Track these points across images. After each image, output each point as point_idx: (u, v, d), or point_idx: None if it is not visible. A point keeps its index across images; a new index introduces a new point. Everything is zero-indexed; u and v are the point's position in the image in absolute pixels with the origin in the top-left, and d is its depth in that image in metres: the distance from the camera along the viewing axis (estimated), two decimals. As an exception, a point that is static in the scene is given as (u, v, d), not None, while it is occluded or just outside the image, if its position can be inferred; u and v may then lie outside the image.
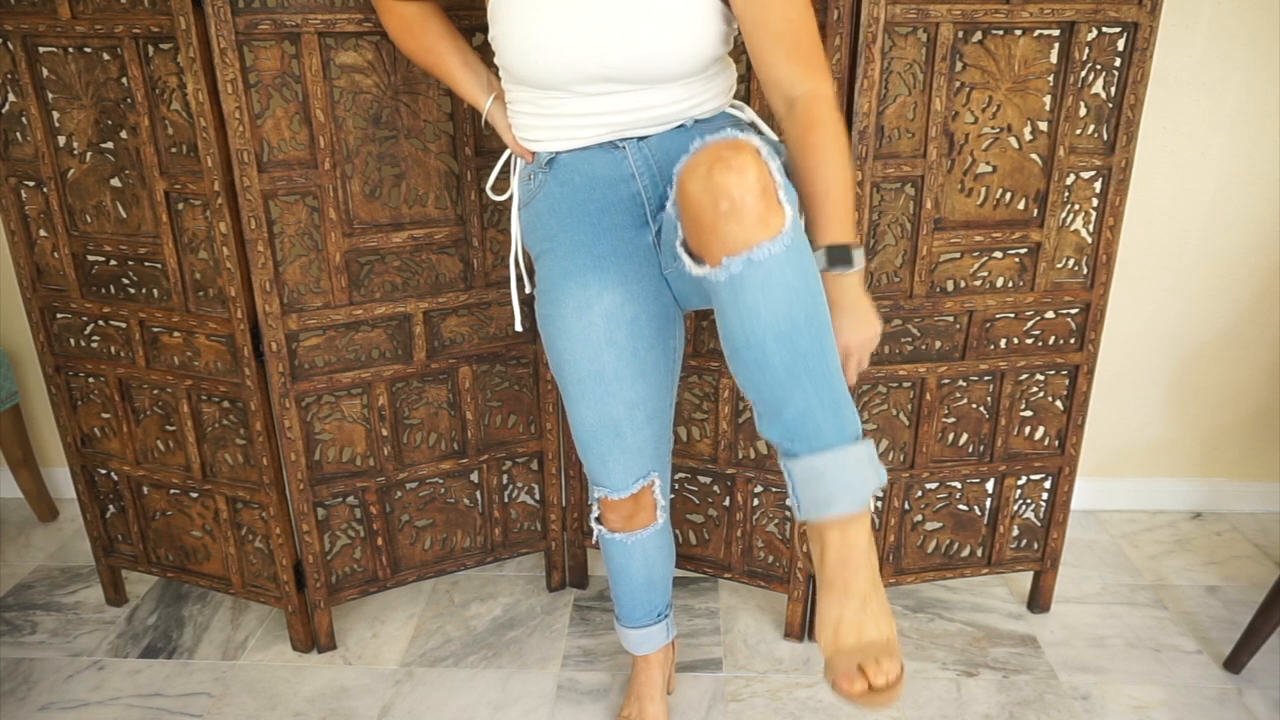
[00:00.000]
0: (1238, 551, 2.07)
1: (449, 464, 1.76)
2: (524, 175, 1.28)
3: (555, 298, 1.23)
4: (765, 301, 0.91)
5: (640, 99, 1.16)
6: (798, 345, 0.92)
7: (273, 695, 1.66)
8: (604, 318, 1.20)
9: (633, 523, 1.37)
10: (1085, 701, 1.63)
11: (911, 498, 1.73)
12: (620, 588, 1.48)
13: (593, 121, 1.18)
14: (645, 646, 1.52)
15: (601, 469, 1.30)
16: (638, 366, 1.24)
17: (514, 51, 1.14)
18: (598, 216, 1.21)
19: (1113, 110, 1.51)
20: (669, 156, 1.20)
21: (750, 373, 0.96)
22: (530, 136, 1.24)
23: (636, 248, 1.22)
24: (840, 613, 0.95)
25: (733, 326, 0.95)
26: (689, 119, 1.21)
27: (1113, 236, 1.57)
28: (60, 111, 1.51)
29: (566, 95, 1.16)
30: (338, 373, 1.61)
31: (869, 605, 0.95)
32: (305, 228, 1.52)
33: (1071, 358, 1.65)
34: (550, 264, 1.25)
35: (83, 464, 1.78)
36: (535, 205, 1.26)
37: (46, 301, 1.66)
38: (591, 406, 1.25)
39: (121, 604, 1.91)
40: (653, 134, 1.20)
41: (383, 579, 1.79)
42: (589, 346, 1.21)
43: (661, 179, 1.21)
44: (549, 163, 1.23)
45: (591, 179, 1.21)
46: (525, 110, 1.22)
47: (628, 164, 1.20)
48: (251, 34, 1.38)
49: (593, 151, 1.20)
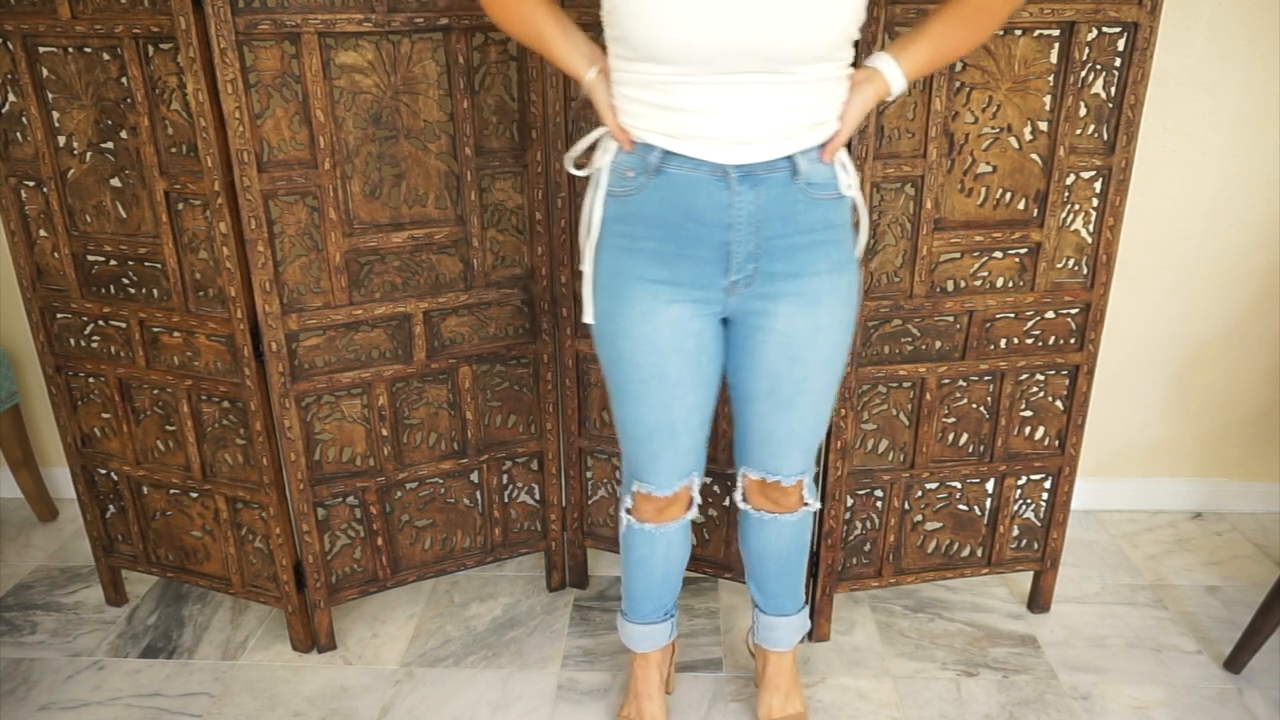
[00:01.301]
0: (1238, 551, 2.07)
1: (449, 464, 1.76)
2: (620, 166, 1.21)
3: (620, 297, 1.23)
4: (776, 540, 1.47)
5: (762, 97, 1.11)
6: (787, 567, 1.50)
7: (273, 695, 1.66)
8: (670, 326, 1.23)
9: (665, 515, 1.41)
10: (1085, 701, 1.63)
11: (911, 498, 1.73)
12: (636, 580, 1.49)
13: (710, 122, 1.12)
14: (647, 643, 1.53)
15: (651, 467, 1.34)
16: (699, 375, 1.28)
17: (639, 23, 1.07)
18: (685, 244, 1.20)
19: (1113, 110, 1.51)
20: (771, 215, 1.18)
21: (753, 568, 1.53)
22: (637, 125, 1.17)
23: (710, 282, 1.22)
24: (772, 700, 1.56)
25: (750, 541, 1.49)
26: (803, 147, 1.16)
27: (1113, 236, 1.57)
28: (60, 111, 1.51)
29: (690, 77, 1.10)
30: (338, 373, 1.61)
31: (790, 697, 1.56)
32: (305, 228, 1.52)
33: (1071, 358, 1.65)
34: (621, 262, 1.23)
35: (83, 464, 1.78)
36: (627, 202, 1.21)
37: (46, 301, 1.66)
38: (652, 408, 1.28)
39: (121, 604, 1.91)
40: (762, 168, 1.15)
41: (383, 579, 1.79)
42: (654, 351, 1.24)
43: (757, 235, 1.18)
44: (657, 170, 1.17)
45: (692, 208, 1.17)
46: (639, 97, 1.15)
47: (729, 213, 1.16)
48: (251, 34, 1.38)
49: (702, 179, 1.16)
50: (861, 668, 1.71)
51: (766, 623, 1.55)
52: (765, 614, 1.55)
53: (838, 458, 1.64)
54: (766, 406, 1.31)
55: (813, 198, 1.19)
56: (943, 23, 1.20)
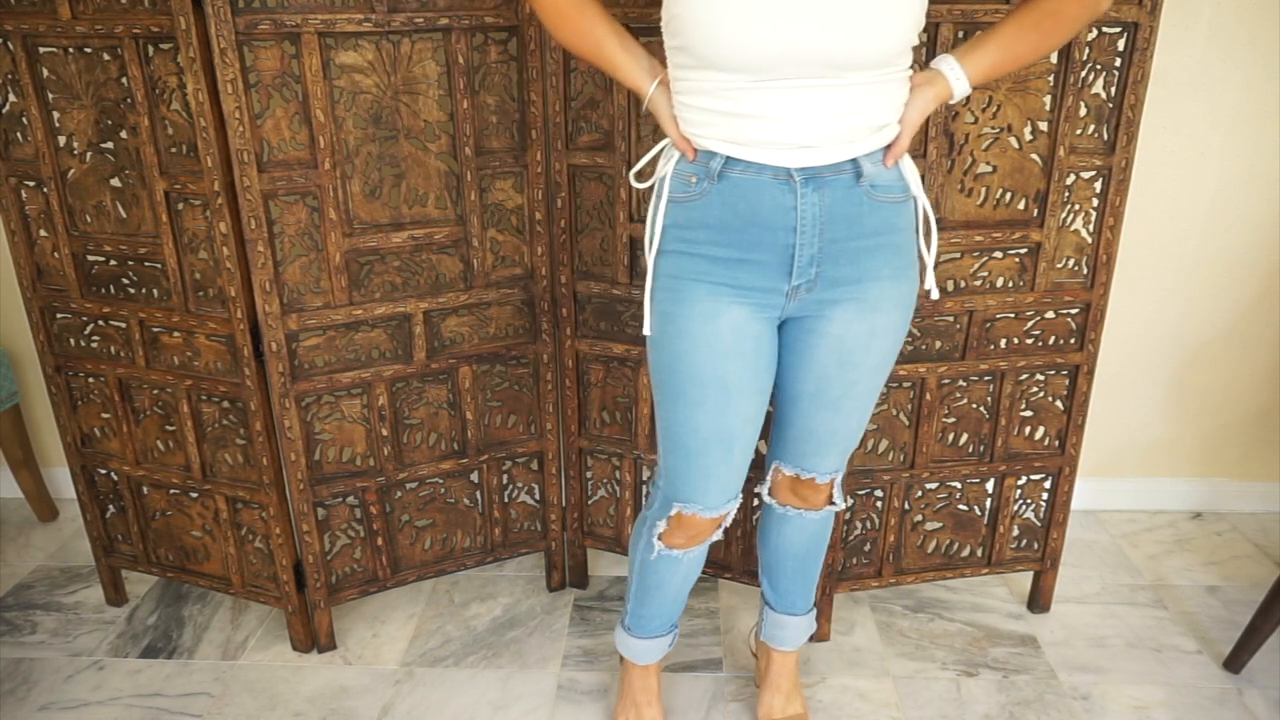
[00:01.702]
0: (1238, 551, 2.08)
1: (449, 464, 1.76)
2: (683, 173, 1.20)
3: (681, 298, 1.21)
4: (798, 537, 1.47)
5: (824, 101, 1.10)
6: (804, 565, 1.51)
7: (273, 695, 1.66)
8: (732, 329, 1.20)
9: (698, 539, 1.36)
10: (1085, 701, 1.63)
11: (911, 498, 1.73)
12: (650, 601, 1.46)
13: (772, 128, 1.11)
14: (650, 656, 1.51)
15: (702, 484, 1.28)
16: (757, 384, 1.24)
17: (700, 31, 1.07)
18: (747, 248, 1.18)
19: (1113, 110, 1.51)
20: (835, 218, 1.16)
21: (769, 565, 1.53)
22: (700, 133, 1.17)
23: (772, 287, 1.20)
24: (773, 700, 1.56)
25: (770, 538, 1.50)
26: (867, 150, 1.15)
27: (1113, 236, 1.57)
28: (60, 111, 1.51)
29: (752, 84, 1.09)
30: (338, 373, 1.61)
31: (791, 699, 1.56)
32: (305, 228, 1.52)
33: (1071, 358, 1.65)
34: (682, 264, 1.21)
35: (83, 464, 1.78)
36: (689, 208, 1.19)
37: (46, 301, 1.66)
38: (710, 414, 1.23)
39: (121, 604, 1.91)
40: (827, 170, 1.14)
41: (383, 579, 1.79)
42: (715, 354, 1.20)
43: (820, 239, 1.17)
44: (719, 175, 1.16)
45: (755, 211, 1.16)
46: (700, 105, 1.15)
47: (794, 216, 1.15)
48: (251, 34, 1.38)
49: (765, 182, 1.14)
50: (861, 668, 1.72)
51: (775, 620, 1.54)
52: (775, 611, 1.55)
53: (838, 458, 1.64)
54: (811, 406, 1.30)
55: (876, 200, 1.18)
56: (1014, 26, 1.18)
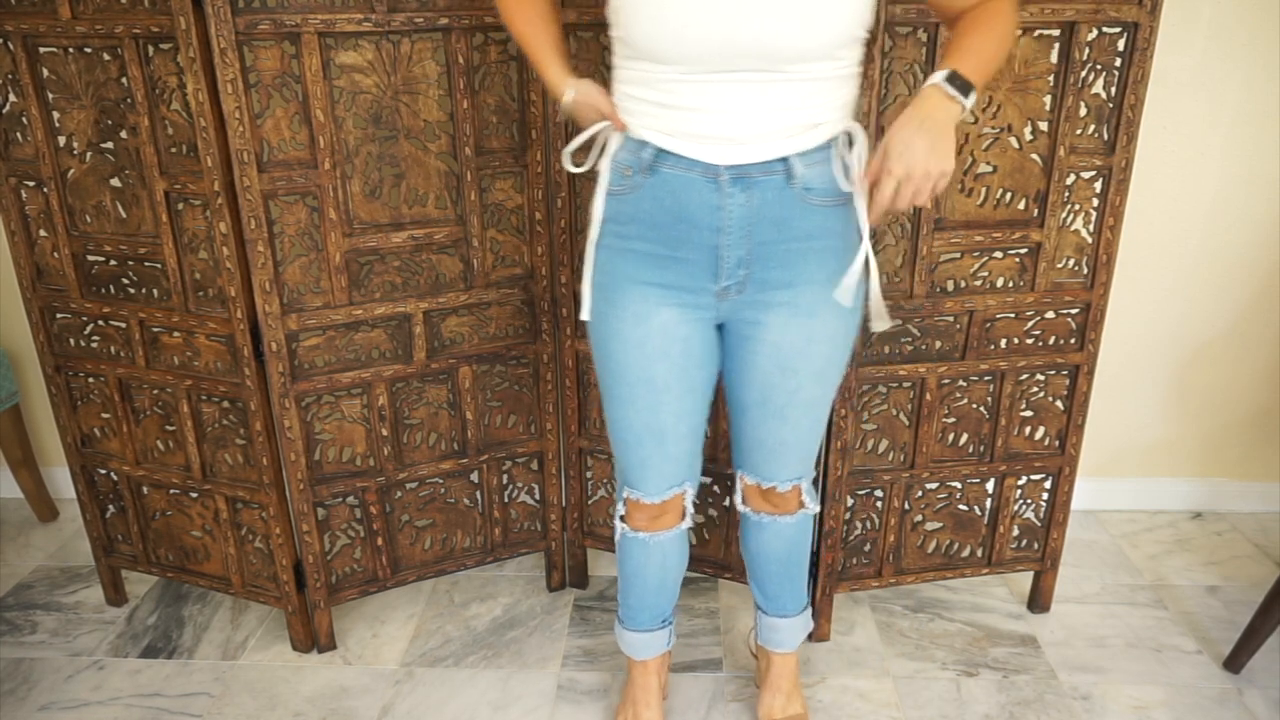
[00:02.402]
0: (1238, 551, 2.07)
1: (449, 464, 1.76)
2: (620, 165, 1.20)
3: (613, 299, 1.23)
4: (775, 542, 1.46)
5: (759, 96, 1.10)
6: (788, 568, 1.50)
7: (273, 695, 1.66)
8: (660, 331, 1.23)
9: (658, 523, 1.40)
10: (1085, 701, 1.63)
11: (911, 498, 1.73)
12: (631, 589, 1.48)
13: (706, 120, 1.12)
14: (645, 651, 1.52)
15: (640, 473, 1.33)
16: (687, 383, 1.27)
17: (640, 21, 1.08)
18: (675, 245, 1.19)
19: (1113, 110, 1.51)
20: (764, 220, 1.16)
21: (754, 570, 1.53)
22: (636, 122, 1.18)
23: (701, 286, 1.21)
24: (773, 701, 1.56)
25: (750, 544, 1.50)
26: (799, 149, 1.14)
27: (1113, 236, 1.57)
28: (60, 111, 1.50)
29: (684, 76, 1.10)
30: (338, 373, 1.61)
31: (791, 699, 1.56)
32: (305, 228, 1.52)
33: (1071, 358, 1.65)
34: (615, 262, 1.23)
35: (83, 464, 1.78)
36: (623, 201, 1.21)
37: (46, 301, 1.66)
38: (640, 412, 1.27)
39: (121, 604, 1.91)
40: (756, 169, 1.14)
41: (383, 579, 1.79)
42: (644, 355, 1.23)
43: (748, 241, 1.17)
44: (650, 167, 1.17)
45: (683, 209, 1.17)
46: (637, 94, 1.16)
47: (720, 216, 1.15)
48: (251, 34, 1.38)
49: (695, 180, 1.15)
50: (861, 668, 1.72)
51: (769, 624, 1.55)
52: (767, 615, 1.55)
53: (838, 458, 1.64)
54: (759, 415, 1.31)
55: (809, 203, 1.17)
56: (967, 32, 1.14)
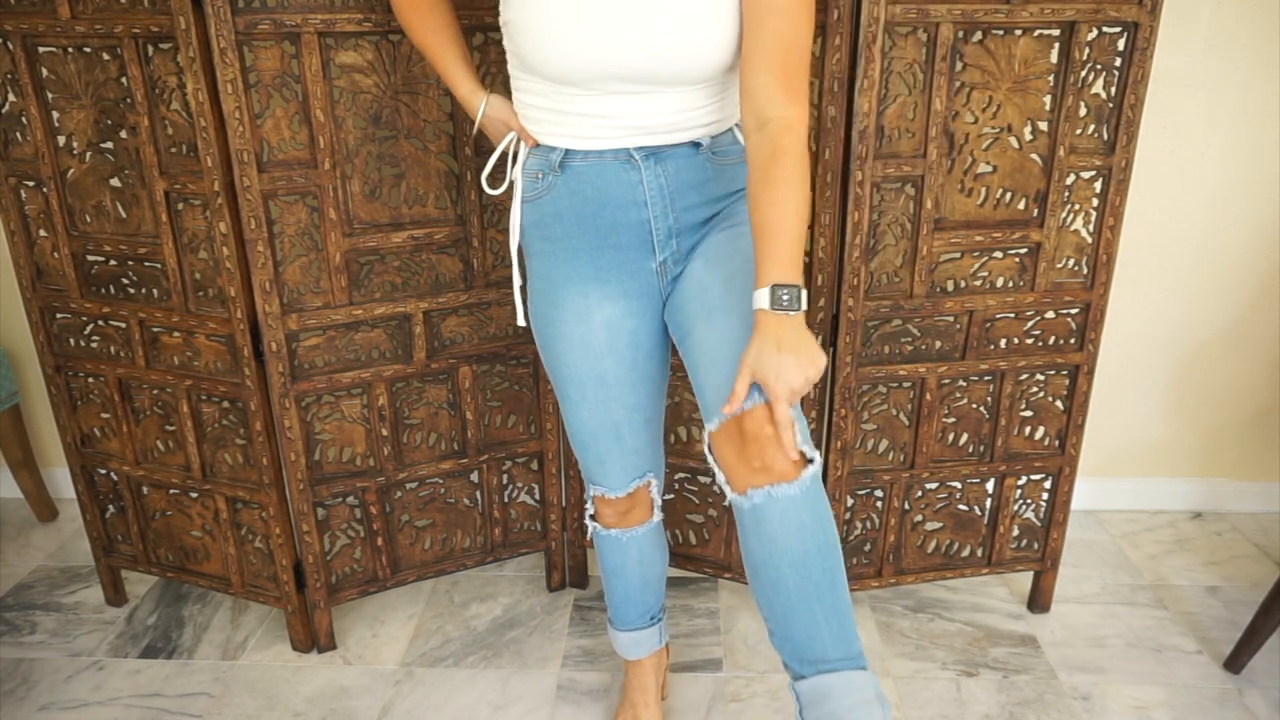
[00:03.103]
0: (1238, 551, 2.07)
1: (449, 464, 1.76)
2: (531, 171, 1.23)
3: (554, 301, 1.24)
4: (783, 532, 1.02)
5: (655, 103, 1.14)
6: (810, 573, 1.02)
7: (273, 695, 1.66)
8: (604, 326, 1.23)
9: (628, 519, 1.39)
10: (1085, 701, 1.63)
11: (911, 498, 1.73)
12: (615, 587, 1.48)
13: (606, 124, 1.15)
14: (638, 650, 1.52)
15: (600, 469, 1.33)
16: (637, 374, 1.27)
17: (527, 43, 1.10)
18: (605, 232, 1.21)
19: (1113, 110, 1.51)
20: (682, 186, 1.20)
21: (766, 591, 1.06)
22: (541, 130, 1.21)
23: (639, 268, 1.23)
24: None
25: (753, 550, 1.06)
26: (705, 135, 1.19)
27: (1113, 236, 1.57)
28: (60, 111, 1.50)
29: (580, 92, 1.14)
30: (338, 373, 1.61)
31: None
32: (305, 228, 1.51)
33: (1071, 358, 1.65)
34: (550, 266, 1.24)
35: (83, 464, 1.78)
36: (541, 204, 1.22)
37: (46, 301, 1.66)
38: (592, 410, 1.28)
39: (121, 604, 1.91)
40: (666, 147, 1.17)
41: (383, 579, 1.79)
42: (590, 353, 1.24)
43: (673, 210, 1.20)
44: (560, 165, 1.19)
45: (603, 194, 1.19)
46: (536, 104, 1.19)
47: (641, 190, 1.18)
48: (251, 34, 1.38)
49: (608, 165, 1.17)
50: (861, 668, 1.71)
51: (812, 690, 1.03)
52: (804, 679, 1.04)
53: (838, 458, 1.64)
54: (703, 323, 1.15)
55: (721, 164, 1.21)
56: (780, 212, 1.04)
